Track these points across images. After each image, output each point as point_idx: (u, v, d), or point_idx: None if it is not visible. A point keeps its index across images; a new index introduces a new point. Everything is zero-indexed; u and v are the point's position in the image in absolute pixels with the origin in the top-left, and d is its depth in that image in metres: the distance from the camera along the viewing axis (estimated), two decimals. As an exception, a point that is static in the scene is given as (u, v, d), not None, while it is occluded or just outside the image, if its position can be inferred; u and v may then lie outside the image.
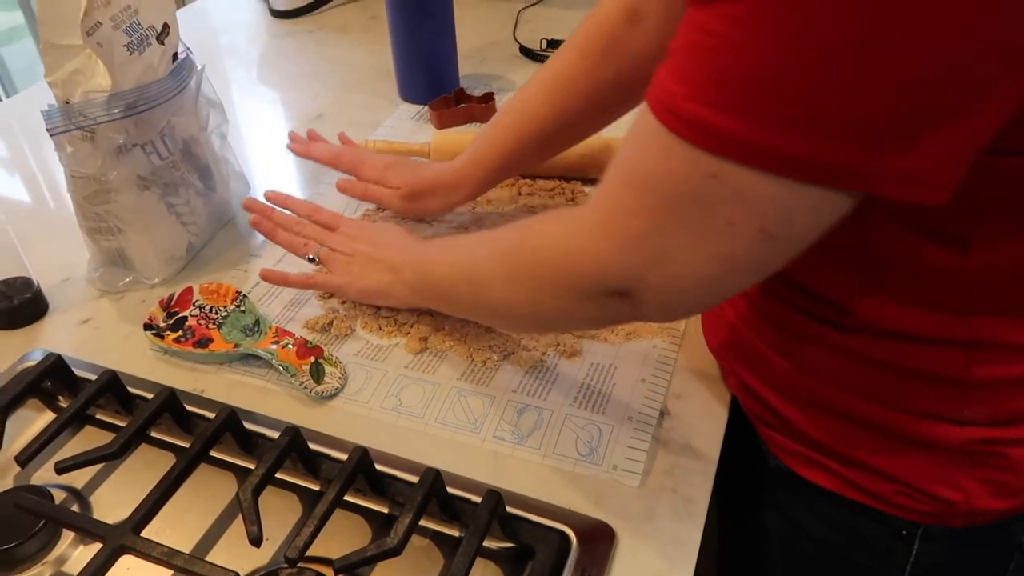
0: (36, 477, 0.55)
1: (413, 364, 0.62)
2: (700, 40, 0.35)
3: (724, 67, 0.34)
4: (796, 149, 0.33)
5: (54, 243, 0.77)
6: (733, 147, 0.34)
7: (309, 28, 1.24)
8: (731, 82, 0.34)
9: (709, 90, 0.34)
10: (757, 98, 0.33)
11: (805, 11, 0.31)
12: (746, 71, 0.33)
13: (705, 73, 0.35)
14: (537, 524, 0.49)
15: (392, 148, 0.87)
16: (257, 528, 0.46)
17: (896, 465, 0.49)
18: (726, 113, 0.34)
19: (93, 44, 0.60)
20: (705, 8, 0.34)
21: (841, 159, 0.33)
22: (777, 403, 0.53)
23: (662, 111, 0.37)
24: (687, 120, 0.35)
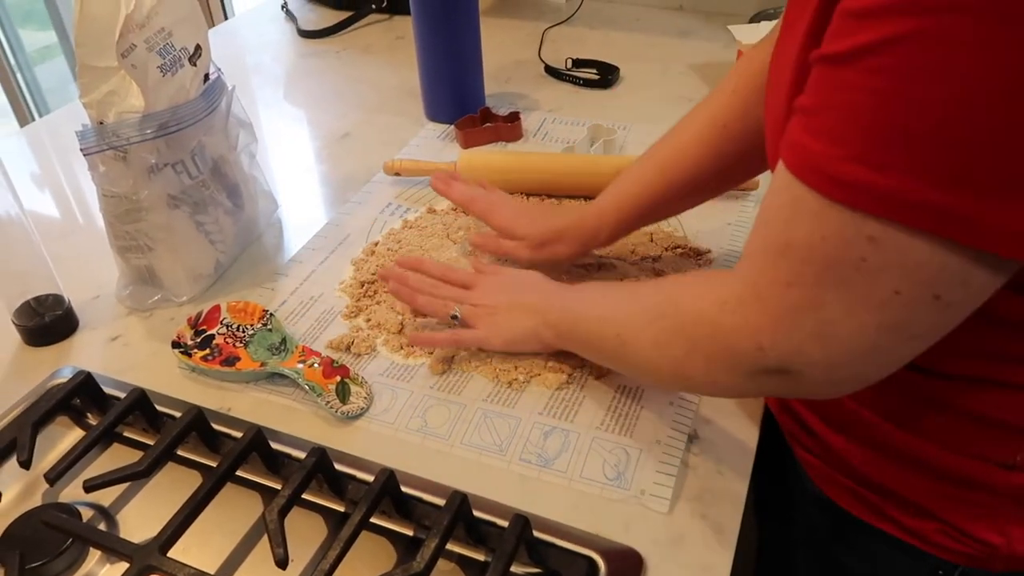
0: (64, 494, 0.56)
1: (438, 385, 0.62)
2: (843, 96, 0.33)
3: (878, 122, 0.32)
4: (968, 209, 0.31)
5: (85, 261, 0.78)
6: (894, 208, 0.32)
7: (336, 48, 1.25)
8: (890, 139, 0.32)
9: (864, 148, 0.33)
10: (921, 154, 0.31)
11: (967, 54, 0.29)
12: (904, 124, 0.31)
13: (857, 131, 0.33)
14: (564, 549, 0.49)
15: (418, 167, 0.87)
16: (283, 550, 0.46)
17: (939, 504, 0.48)
18: (884, 172, 0.32)
19: (128, 66, 0.61)
20: (846, 64, 0.32)
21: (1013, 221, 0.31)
22: (819, 428, 0.52)
23: (811, 175, 0.35)
24: (839, 182, 0.34)
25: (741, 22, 1.18)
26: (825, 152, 0.34)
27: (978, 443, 0.46)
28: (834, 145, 0.34)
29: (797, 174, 0.36)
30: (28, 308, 0.68)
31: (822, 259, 0.36)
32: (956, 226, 0.32)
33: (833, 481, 0.53)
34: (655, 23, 1.27)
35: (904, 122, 0.31)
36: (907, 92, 0.31)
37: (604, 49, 1.17)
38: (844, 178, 0.33)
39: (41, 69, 2.57)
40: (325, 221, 0.83)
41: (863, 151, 0.33)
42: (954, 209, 0.31)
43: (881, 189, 0.32)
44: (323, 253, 0.78)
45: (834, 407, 0.51)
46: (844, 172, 0.33)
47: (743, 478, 0.54)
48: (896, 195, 0.32)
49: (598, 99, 1.05)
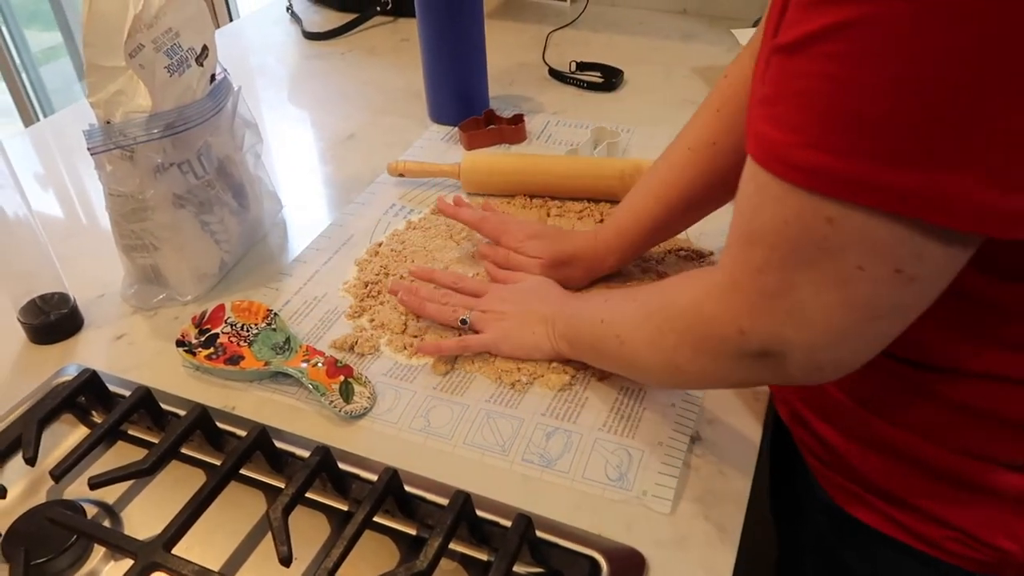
0: (69, 491, 0.56)
1: (441, 385, 0.62)
2: (797, 84, 0.34)
3: (830, 108, 0.33)
4: (914, 187, 0.32)
5: (90, 260, 0.78)
6: (849, 189, 0.33)
7: (341, 50, 1.26)
8: (840, 122, 0.33)
9: (816, 133, 0.34)
10: (872, 136, 0.32)
11: (913, 37, 0.30)
12: (855, 109, 0.32)
13: (812, 117, 0.34)
14: (567, 549, 0.49)
15: (422, 169, 0.87)
16: (287, 548, 0.46)
17: (951, 510, 0.48)
18: (837, 155, 0.33)
19: (135, 66, 0.61)
20: (798, 53, 0.33)
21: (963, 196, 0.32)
22: (830, 435, 0.52)
23: (770, 161, 0.36)
24: (797, 167, 0.35)
25: (744, 26, 1.18)
26: (783, 140, 0.35)
27: (986, 443, 0.46)
28: (791, 132, 0.35)
29: (760, 162, 0.37)
30: (34, 306, 0.68)
31: (786, 243, 0.37)
32: (906, 202, 0.33)
33: (840, 487, 0.53)
34: (659, 26, 1.27)
35: (855, 106, 0.32)
36: (856, 76, 0.32)
37: (608, 52, 1.18)
38: (801, 164, 0.34)
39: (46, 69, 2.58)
40: (329, 222, 0.83)
41: (818, 137, 0.34)
42: (904, 186, 0.32)
43: (836, 172, 0.33)
44: (327, 253, 0.78)
45: (838, 409, 0.51)
46: (801, 158, 0.34)
47: (746, 479, 0.54)
48: (850, 177, 0.33)
49: (602, 102, 1.06)
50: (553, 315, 0.62)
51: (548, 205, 0.84)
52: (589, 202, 0.83)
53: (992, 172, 0.31)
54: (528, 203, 0.84)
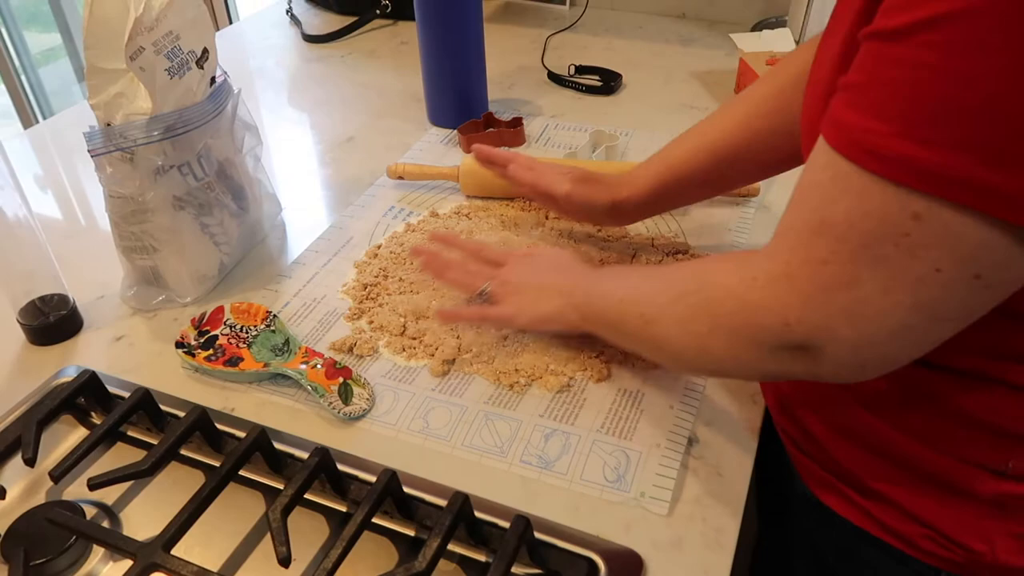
0: (68, 492, 0.56)
1: (440, 387, 0.63)
2: (891, 72, 0.33)
3: (930, 98, 0.32)
4: (1009, 186, 0.31)
5: (90, 261, 0.78)
6: (941, 184, 0.32)
7: (340, 53, 1.26)
8: (939, 114, 0.32)
9: (912, 124, 0.32)
10: (970, 130, 0.31)
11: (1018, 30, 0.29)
12: (953, 100, 0.31)
13: (906, 106, 0.33)
14: (565, 551, 0.49)
15: (421, 171, 0.88)
16: (286, 549, 0.46)
17: (926, 508, 0.48)
18: (932, 148, 0.32)
19: (136, 68, 0.61)
20: (897, 40, 0.33)
21: None
22: (813, 424, 0.53)
23: (854, 150, 0.35)
24: (885, 158, 0.33)
25: (743, 30, 1.18)
26: (871, 128, 0.34)
27: (970, 447, 0.46)
28: (880, 120, 0.34)
29: (840, 150, 0.35)
30: (33, 307, 0.68)
31: (861, 236, 0.36)
32: (1003, 204, 0.32)
33: (819, 478, 0.53)
34: (658, 31, 1.28)
35: (953, 96, 0.31)
36: (956, 67, 0.31)
37: (607, 56, 1.18)
38: (889, 153, 0.33)
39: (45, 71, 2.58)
40: (328, 224, 0.83)
41: (910, 126, 0.32)
42: (1001, 187, 0.31)
43: (927, 165, 0.32)
44: (326, 256, 0.79)
45: (827, 399, 0.52)
46: (890, 147, 0.33)
47: (743, 481, 0.54)
48: (943, 171, 0.32)
49: (600, 105, 1.06)
50: (572, 288, 0.60)
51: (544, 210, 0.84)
52: (588, 205, 0.83)
53: None
54: (527, 206, 0.84)
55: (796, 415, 0.54)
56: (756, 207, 0.82)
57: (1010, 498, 0.46)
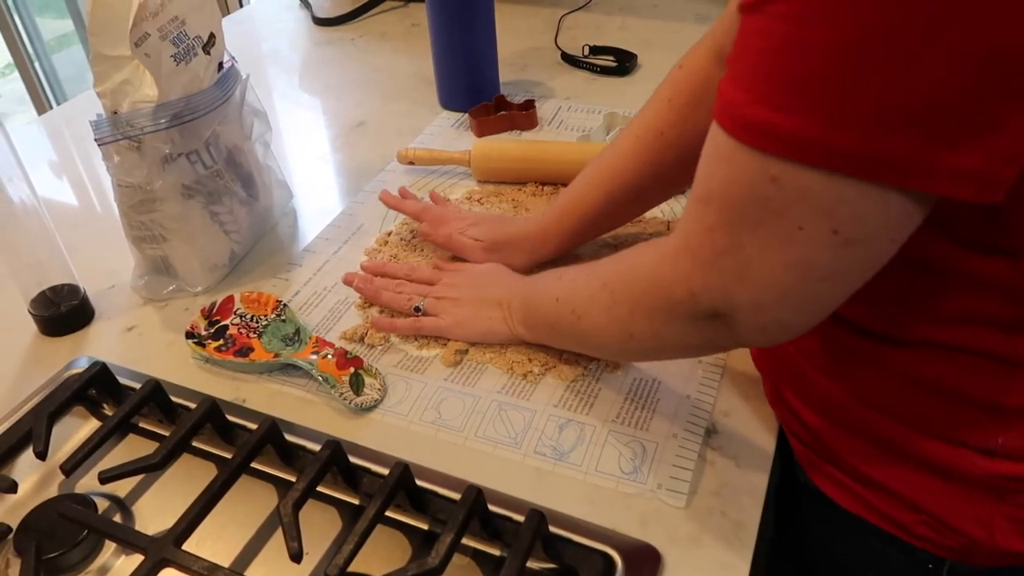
0: (80, 485, 0.56)
1: (453, 376, 0.62)
2: (753, 43, 0.35)
3: (778, 66, 0.34)
4: (852, 145, 0.33)
5: (101, 250, 0.78)
6: (791, 147, 0.34)
7: (351, 36, 1.25)
8: (785, 80, 0.33)
9: (764, 91, 0.34)
10: (810, 94, 0.33)
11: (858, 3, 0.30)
12: (799, 68, 0.33)
13: (760, 74, 0.35)
14: (580, 545, 0.48)
15: (432, 156, 0.86)
16: (298, 544, 0.46)
17: (920, 493, 0.48)
18: (782, 112, 0.34)
19: (141, 55, 0.60)
20: (756, 12, 0.34)
21: (898, 155, 0.32)
22: (808, 416, 0.52)
23: (724, 119, 0.36)
24: (746, 124, 0.35)
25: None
26: (736, 98, 0.36)
27: (955, 426, 0.45)
28: (744, 90, 0.35)
29: (718, 121, 0.37)
30: (44, 298, 0.68)
31: (735, 202, 0.38)
32: (847, 161, 0.33)
33: (818, 468, 0.53)
34: (673, 9, 1.25)
35: (799, 65, 0.33)
36: (800, 36, 0.32)
37: (622, 36, 1.16)
38: (749, 121, 0.35)
39: (58, 57, 2.58)
40: (339, 210, 0.83)
41: (765, 94, 0.34)
42: (844, 145, 0.33)
43: (780, 129, 0.34)
44: (337, 243, 0.78)
45: (815, 389, 0.51)
46: (750, 115, 0.35)
47: (763, 473, 0.53)
48: (793, 134, 0.34)
49: (615, 87, 1.04)
50: (508, 297, 0.62)
51: (559, 191, 0.82)
52: (602, 189, 0.82)
53: (931, 131, 0.32)
54: (539, 190, 0.83)
55: (786, 400, 0.53)
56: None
57: (1004, 479, 0.45)
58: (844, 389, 0.49)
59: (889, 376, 0.47)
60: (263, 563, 0.50)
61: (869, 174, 0.33)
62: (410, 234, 0.77)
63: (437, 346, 0.64)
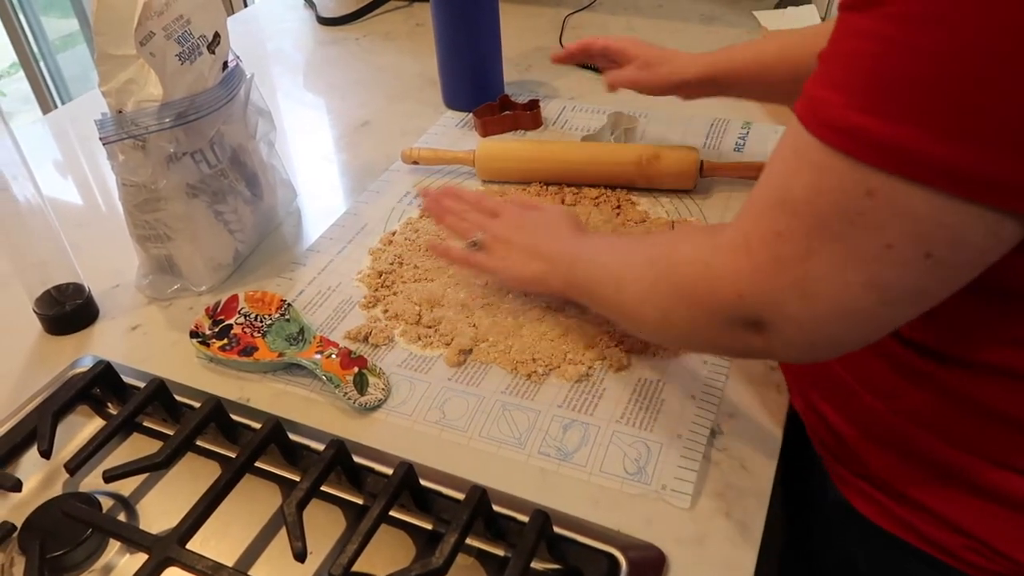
0: (84, 484, 0.56)
1: (457, 376, 0.62)
2: (857, 45, 0.33)
3: (887, 71, 0.31)
4: (969, 163, 0.30)
5: (105, 249, 0.78)
6: (895, 159, 0.32)
7: (355, 35, 1.25)
8: (895, 87, 0.31)
9: (869, 97, 0.32)
10: (925, 104, 0.30)
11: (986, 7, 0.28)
12: (911, 72, 0.30)
13: (864, 79, 0.32)
14: (585, 546, 0.48)
15: (437, 156, 0.86)
16: (302, 543, 0.45)
17: (968, 517, 0.46)
18: (888, 121, 0.31)
19: (146, 54, 0.60)
20: (862, 11, 0.32)
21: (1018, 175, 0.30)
22: (844, 429, 0.51)
23: (815, 123, 0.34)
24: (842, 130, 0.33)
25: (767, 7, 1.15)
26: (830, 99, 0.33)
27: (1009, 449, 0.44)
28: (839, 92, 0.33)
29: (803, 122, 0.35)
30: (49, 297, 0.68)
31: (817, 211, 0.35)
32: (954, 180, 0.31)
33: (852, 485, 0.52)
34: (679, 9, 1.25)
35: (907, 69, 0.31)
36: (913, 39, 0.30)
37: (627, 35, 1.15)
38: (844, 125, 0.33)
39: (63, 57, 2.58)
40: (343, 210, 0.82)
41: (867, 99, 0.32)
42: (953, 162, 0.31)
43: (879, 137, 0.32)
44: (341, 243, 0.78)
45: (855, 403, 0.50)
46: (847, 120, 0.33)
47: (768, 474, 0.53)
48: (894, 143, 0.31)
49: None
50: (558, 253, 0.61)
51: (564, 192, 0.82)
52: (606, 188, 0.82)
53: None
54: (544, 190, 0.83)
55: (820, 411, 0.53)
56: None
57: None
58: (891, 407, 0.48)
59: (944, 397, 0.45)
60: (267, 562, 0.50)
61: (984, 196, 0.31)
62: (414, 233, 0.77)
63: (441, 345, 0.64)
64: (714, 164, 0.80)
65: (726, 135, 0.90)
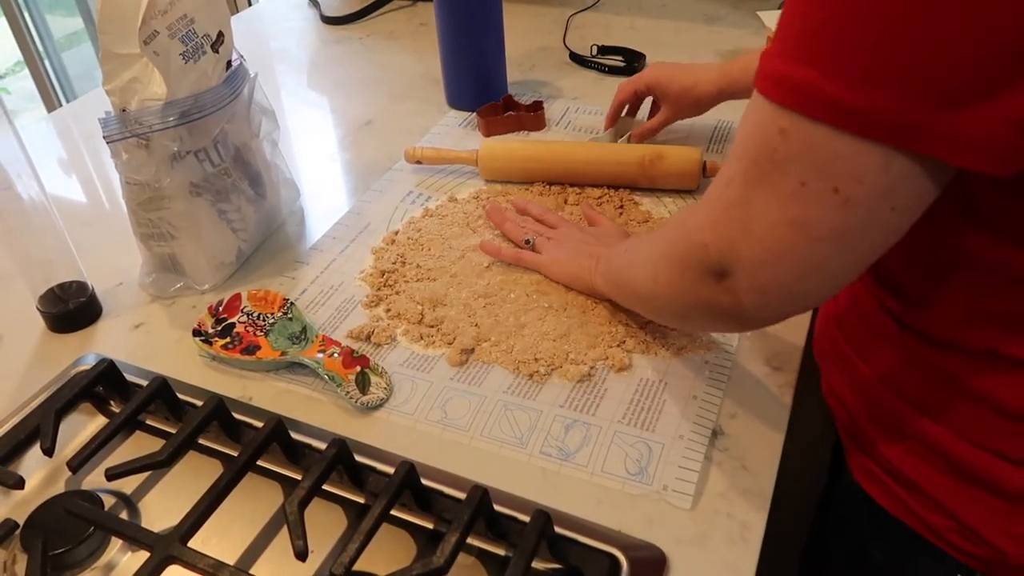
0: (87, 482, 0.56)
1: (459, 376, 0.62)
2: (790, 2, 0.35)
3: (793, 17, 0.34)
4: (857, 101, 0.33)
5: (109, 248, 0.78)
6: (800, 99, 0.34)
7: (359, 35, 1.25)
8: (796, 31, 0.34)
9: (785, 43, 0.35)
10: (827, 47, 0.33)
11: None
12: (810, 19, 0.33)
13: (782, 27, 0.35)
14: (586, 546, 0.48)
15: (440, 156, 0.86)
16: (303, 543, 0.46)
17: (953, 500, 0.47)
18: (793, 63, 0.34)
19: (150, 53, 0.60)
20: None
21: (892, 111, 0.32)
22: (852, 403, 0.52)
23: (758, 77, 0.37)
24: (765, 75, 0.36)
25: (771, 8, 1.15)
26: (769, 51, 0.36)
27: (996, 436, 0.45)
28: (776, 43, 0.36)
29: None
30: (52, 295, 0.68)
31: (749, 154, 0.38)
32: (848, 117, 0.33)
33: (862, 466, 0.52)
34: (682, 9, 1.25)
35: (809, 15, 0.33)
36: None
37: (630, 36, 1.15)
38: (769, 72, 0.36)
39: (68, 55, 2.59)
40: (346, 209, 0.83)
41: (787, 47, 0.35)
42: (848, 100, 0.33)
43: (790, 80, 0.34)
44: (343, 242, 0.78)
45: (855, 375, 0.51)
46: (771, 67, 0.36)
47: (770, 476, 0.53)
48: (798, 85, 0.34)
49: (623, 86, 1.04)
50: (603, 254, 0.64)
51: (567, 192, 0.82)
52: (609, 188, 0.82)
53: (929, 90, 0.31)
54: (546, 190, 0.83)
55: (842, 399, 0.54)
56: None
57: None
58: (881, 379, 0.50)
59: (928, 373, 0.47)
60: (268, 561, 0.50)
61: (865, 130, 0.33)
62: (417, 233, 0.77)
63: (443, 345, 0.64)
64: (717, 164, 0.80)
65: (730, 136, 0.90)
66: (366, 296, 0.70)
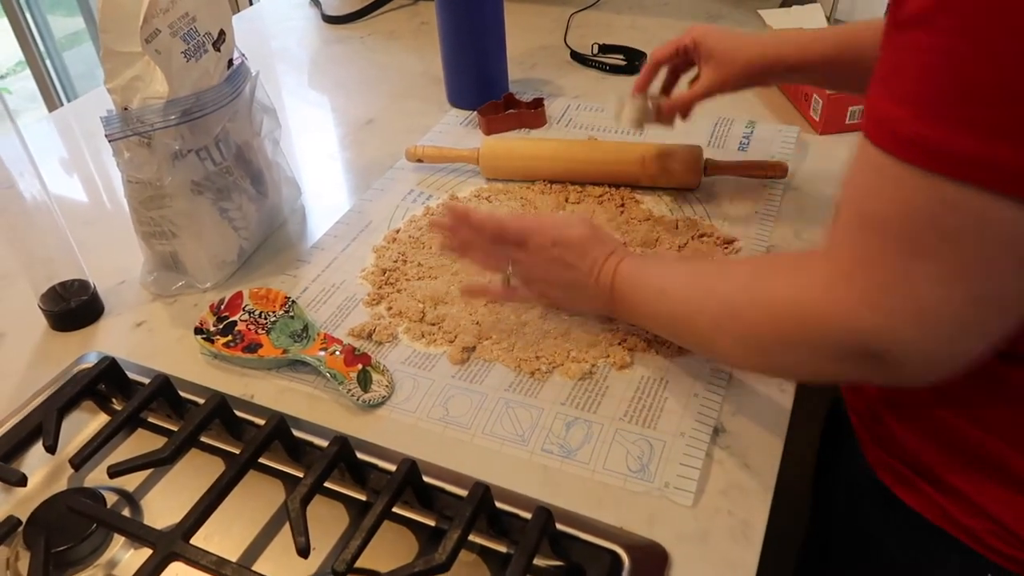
0: (89, 479, 0.56)
1: (460, 374, 0.62)
2: (915, 58, 0.33)
3: (952, 81, 0.31)
4: None
5: (111, 246, 0.78)
6: (963, 166, 0.32)
7: (360, 34, 1.25)
8: (962, 95, 0.31)
9: (935, 107, 0.32)
10: (994, 110, 0.30)
11: None
12: (967, 79, 0.31)
13: (928, 90, 0.32)
14: (587, 543, 0.48)
15: (441, 154, 0.86)
16: (305, 540, 0.46)
17: (995, 502, 0.47)
18: (957, 129, 0.31)
19: (151, 51, 0.60)
20: (917, 28, 0.32)
21: None
22: (880, 408, 0.51)
23: (883, 137, 0.34)
24: (914, 143, 0.33)
25: (772, 6, 1.15)
26: (900, 115, 0.33)
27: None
28: (905, 105, 0.33)
29: (873, 139, 0.35)
30: (54, 293, 0.68)
31: (904, 230, 0.35)
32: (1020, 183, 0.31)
33: (888, 466, 0.52)
34: (684, 8, 1.25)
35: (969, 76, 0.31)
36: (978, 48, 0.30)
37: (631, 34, 1.15)
38: (915, 138, 0.33)
39: (70, 55, 2.59)
40: (348, 208, 0.83)
41: (936, 110, 0.32)
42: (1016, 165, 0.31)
43: (955, 149, 0.32)
44: (345, 240, 0.78)
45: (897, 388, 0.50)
46: (914, 132, 0.33)
47: (771, 473, 0.53)
48: (970, 155, 0.31)
49: (625, 85, 1.03)
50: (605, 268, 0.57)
51: (568, 190, 0.82)
52: (609, 187, 0.82)
53: None
54: (548, 188, 0.83)
55: (864, 392, 0.53)
56: (784, 188, 0.80)
57: None
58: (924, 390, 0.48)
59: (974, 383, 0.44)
60: (271, 558, 0.50)
61: None
62: (418, 231, 0.77)
63: (444, 343, 0.64)
64: (718, 163, 0.80)
65: (730, 134, 0.90)
66: (367, 294, 0.70)
